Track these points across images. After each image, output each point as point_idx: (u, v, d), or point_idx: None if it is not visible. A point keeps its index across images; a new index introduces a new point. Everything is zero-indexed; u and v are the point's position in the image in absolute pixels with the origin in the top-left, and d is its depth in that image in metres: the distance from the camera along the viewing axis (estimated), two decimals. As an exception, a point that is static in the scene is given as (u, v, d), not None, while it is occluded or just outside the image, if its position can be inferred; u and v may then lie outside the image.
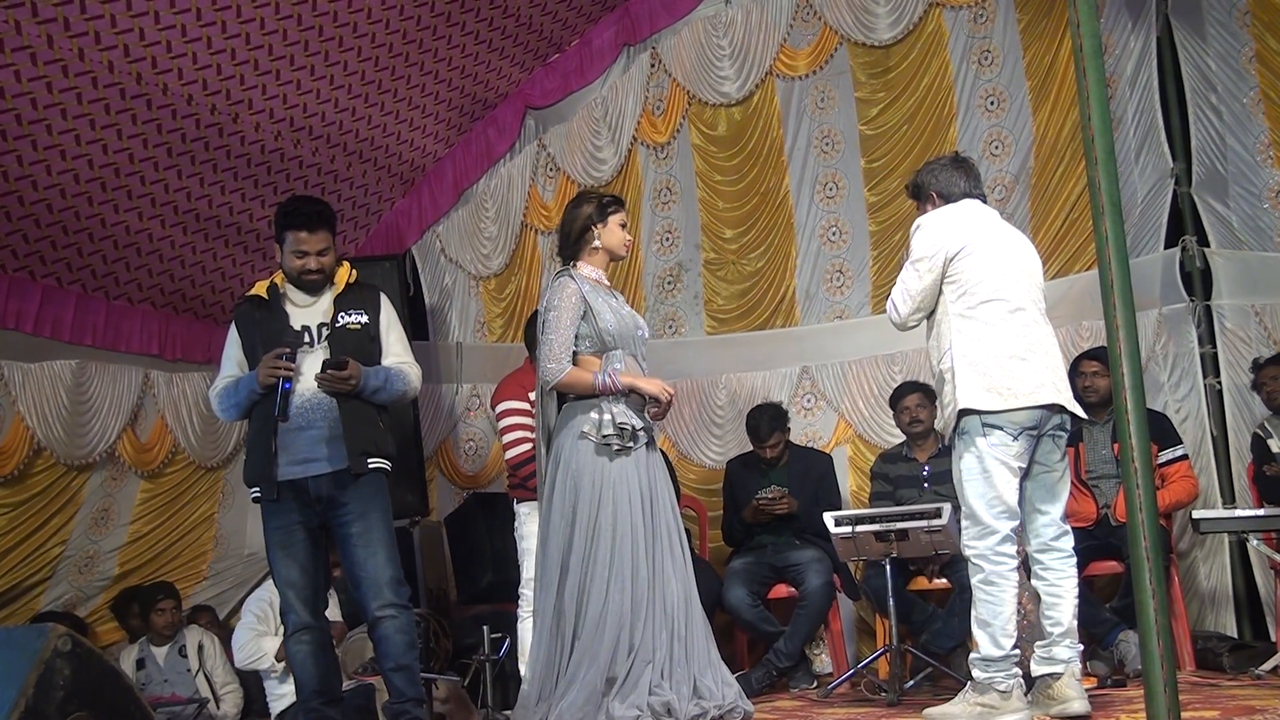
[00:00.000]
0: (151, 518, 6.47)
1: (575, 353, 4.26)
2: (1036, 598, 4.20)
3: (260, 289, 4.39)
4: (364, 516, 4.20)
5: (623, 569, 4.09)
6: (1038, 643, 4.14)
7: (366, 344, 4.35)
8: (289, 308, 4.33)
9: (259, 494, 4.22)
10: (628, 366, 4.28)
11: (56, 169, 5.40)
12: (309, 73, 6.03)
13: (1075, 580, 4.13)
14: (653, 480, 4.27)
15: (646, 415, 4.30)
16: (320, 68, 6.06)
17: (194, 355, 6.66)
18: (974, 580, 4.02)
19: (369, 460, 4.22)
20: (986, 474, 3.99)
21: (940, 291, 4.15)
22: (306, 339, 4.26)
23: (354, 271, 4.43)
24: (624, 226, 4.43)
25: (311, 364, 4.20)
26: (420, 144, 7.23)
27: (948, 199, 4.29)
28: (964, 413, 4.01)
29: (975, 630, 4.03)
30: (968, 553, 4.05)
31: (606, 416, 4.17)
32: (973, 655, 4.05)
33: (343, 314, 4.32)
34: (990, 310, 4.04)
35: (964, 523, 4.08)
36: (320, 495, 4.18)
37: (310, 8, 5.73)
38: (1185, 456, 5.74)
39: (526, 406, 5.31)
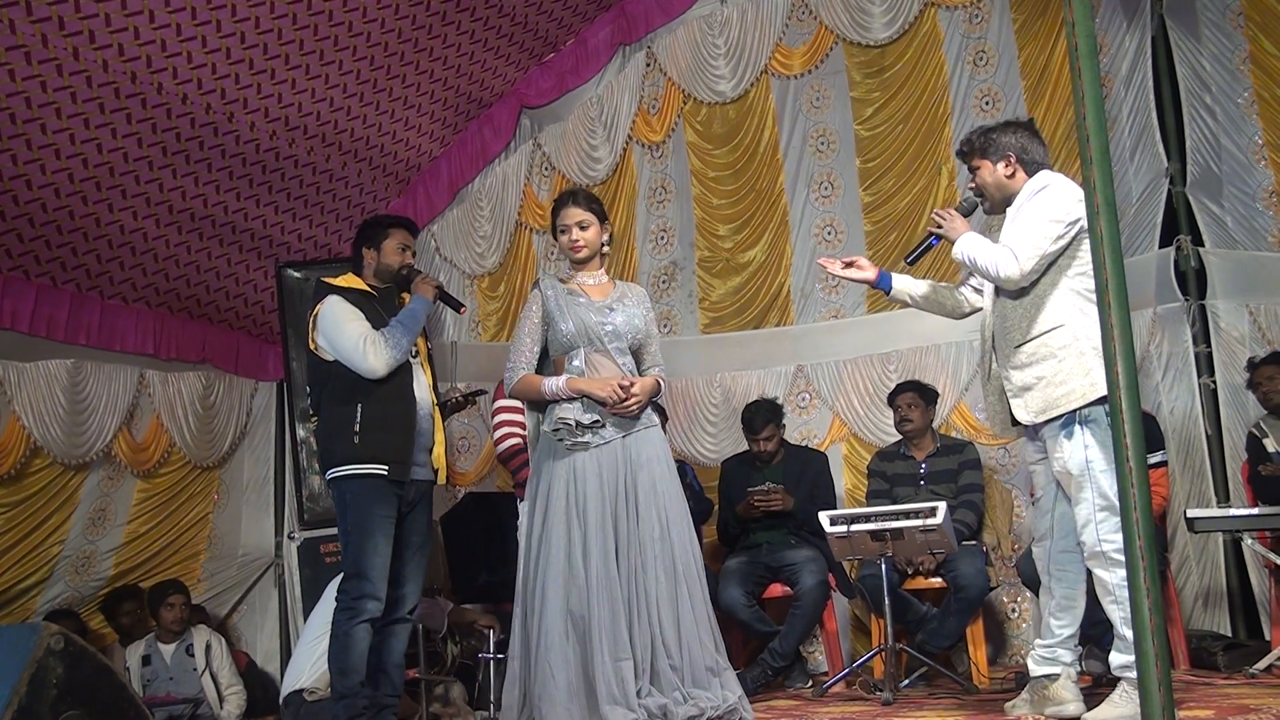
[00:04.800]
0: (148, 518, 6.47)
1: (553, 358, 4.39)
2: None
3: (355, 283, 4.48)
4: (427, 529, 4.50)
5: (575, 566, 4.11)
6: (1040, 641, 4.08)
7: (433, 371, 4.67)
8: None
9: (386, 472, 4.24)
10: (593, 363, 4.31)
11: (51, 168, 5.40)
12: (304, 72, 6.02)
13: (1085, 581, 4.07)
14: (628, 474, 4.24)
15: (610, 409, 4.26)
16: (315, 67, 6.06)
17: (188, 355, 6.65)
18: (1115, 578, 3.74)
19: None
20: (1111, 465, 3.72)
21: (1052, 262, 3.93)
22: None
23: None
24: (564, 231, 4.37)
25: (419, 376, 4.45)
26: (415, 143, 7.23)
27: (1025, 165, 4.11)
28: (1093, 401, 3.81)
29: (1125, 630, 3.76)
30: (1108, 547, 3.76)
31: (555, 414, 4.26)
32: (1127, 658, 3.79)
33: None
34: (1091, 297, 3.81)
35: (1101, 515, 3.79)
36: (413, 499, 4.40)
37: (305, 7, 5.72)
38: (1163, 464, 5.64)
39: (517, 404, 5.39)
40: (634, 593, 4.12)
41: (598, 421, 4.24)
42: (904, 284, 4.43)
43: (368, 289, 4.48)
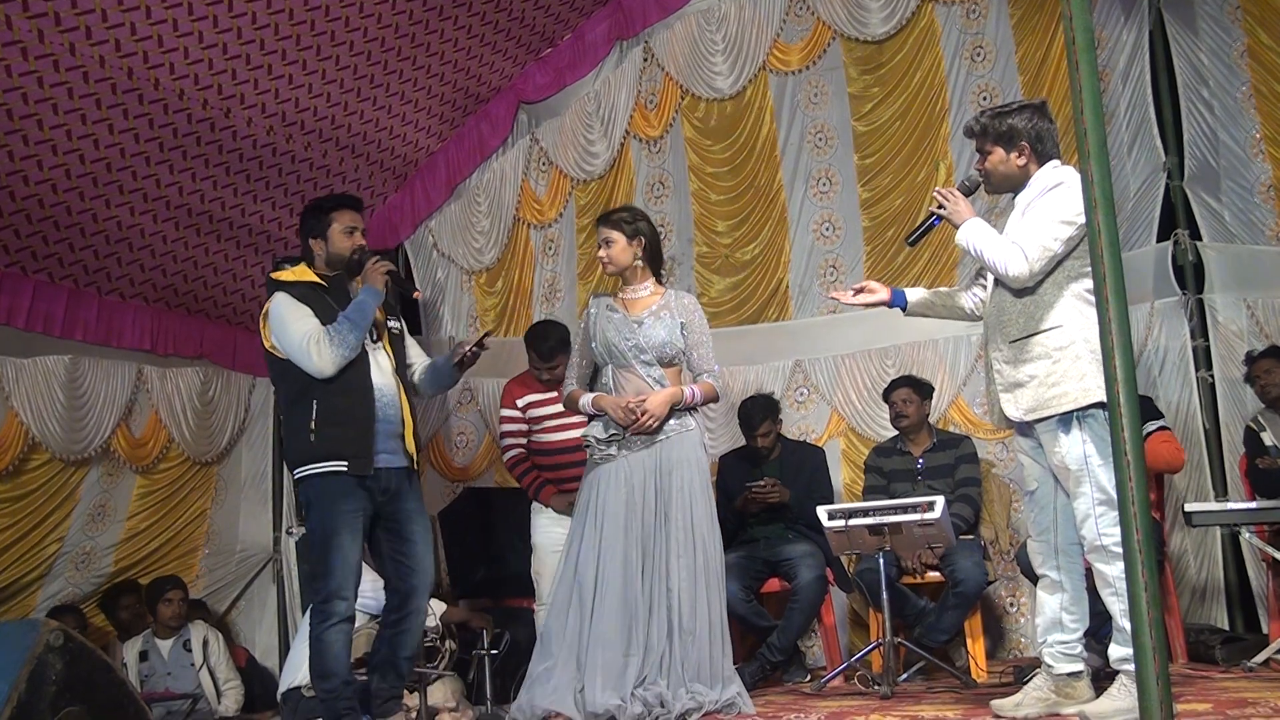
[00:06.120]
0: (148, 514, 6.46)
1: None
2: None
3: (305, 275, 4.38)
4: (422, 514, 4.42)
5: (584, 570, 4.41)
6: (1058, 637, 4.00)
7: (401, 350, 4.56)
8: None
9: (346, 468, 4.15)
10: (619, 379, 4.61)
11: (48, 164, 5.39)
12: (301, 67, 6.01)
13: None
14: (658, 478, 4.48)
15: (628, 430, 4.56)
16: (312, 62, 6.05)
17: (186, 351, 6.64)
18: (1115, 570, 3.67)
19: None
20: (1108, 460, 3.68)
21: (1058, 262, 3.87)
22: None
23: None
24: (598, 248, 4.73)
25: (379, 361, 4.35)
26: (413, 138, 7.22)
27: (1039, 154, 4.03)
28: (1084, 406, 3.78)
29: (1125, 623, 3.71)
30: (1107, 540, 3.73)
31: (585, 430, 4.66)
32: (1126, 651, 3.76)
33: (389, 319, 4.51)
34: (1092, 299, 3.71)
35: (1101, 509, 3.77)
36: (388, 488, 4.29)
37: (302, 2, 5.71)
38: (1165, 428, 5.60)
39: (516, 414, 5.69)
40: (656, 588, 4.34)
41: (616, 435, 4.53)
42: (918, 297, 4.40)
43: (317, 280, 4.37)
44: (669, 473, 4.48)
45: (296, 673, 5.19)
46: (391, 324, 4.50)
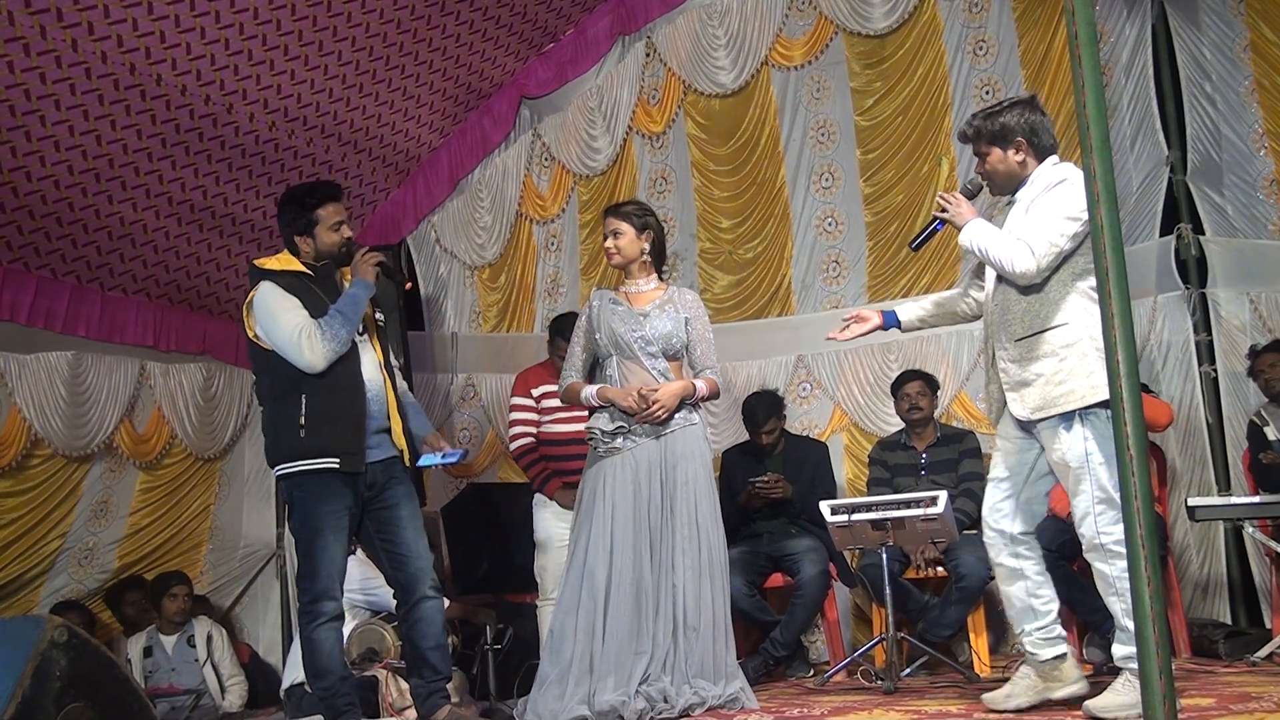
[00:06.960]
0: (150, 510, 6.47)
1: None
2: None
3: (290, 264, 4.27)
4: (411, 500, 4.33)
5: (593, 565, 4.38)
6: (1034, 625, 4.00)
7: (387, 343, 4.51)
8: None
9: (338, 464, 4.07)
10: (625, 371, 4.61)
11: (50, 160, 5.39)
12: (303, 63, 6.01)
13: None
14: (664, 472, 4.48)
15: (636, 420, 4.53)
16: (314, 58, 6.05)
17: (189, 346, 6.65)
18: (1115, 569, 3.68)
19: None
20: (1110, 459, 3.71)
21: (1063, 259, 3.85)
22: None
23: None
24: (605, 238, 4.73)
25: (368, 354, 4.28)
26: (415, 134, 7.22)
27: (1036, 150, 4.00)
28: (1092, 404, 3.76)
29: (1127, 621, 3.71)
30: (1106, 539, 3.70)
31: (589, 423, 4.65)
32: (1129, 649, 3.74)
33: (374, 310, 4.45)
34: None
35: (1100, 508, 3.74)
36: (374, 482, 4.22)
37: (304, -2, 5.72)
38: (1152, 393, 5.64)
39: (529, 403, 5.65)
40: (662, 584, 4.34)
41: (622, 428, 4.53)
42: (911, 312, 4.41)
43: (304, 269, 4.27)
44: (674, 466, 4.48)
45: (299, 669, 5.19)
46: (377, 315, 4.44)
